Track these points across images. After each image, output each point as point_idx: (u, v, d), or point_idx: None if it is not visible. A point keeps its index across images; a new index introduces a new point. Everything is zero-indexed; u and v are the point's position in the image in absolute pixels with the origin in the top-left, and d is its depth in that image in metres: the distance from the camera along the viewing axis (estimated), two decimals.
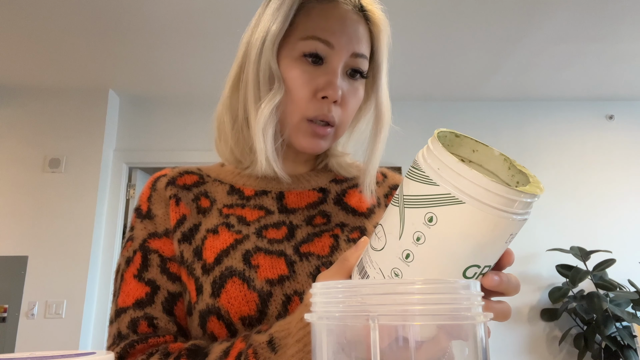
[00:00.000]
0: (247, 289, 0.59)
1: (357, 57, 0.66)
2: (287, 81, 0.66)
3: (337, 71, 0.65)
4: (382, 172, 0.83)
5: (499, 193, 0.34)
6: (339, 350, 0.28)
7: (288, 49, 0.66)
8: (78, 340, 2.75)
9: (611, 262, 2.88)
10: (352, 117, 0.70)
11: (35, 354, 0.44)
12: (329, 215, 0.70)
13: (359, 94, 0.69)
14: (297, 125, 0.66)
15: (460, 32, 2.58)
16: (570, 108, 3.48)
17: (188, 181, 0.72)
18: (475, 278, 0.37)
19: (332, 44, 0.65)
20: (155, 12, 2.36)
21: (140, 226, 0.68)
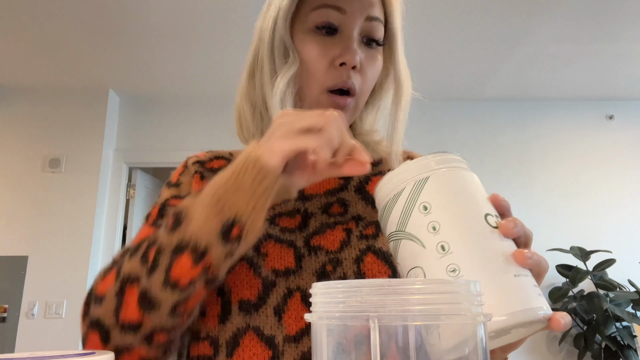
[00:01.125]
0: (252, 274, 0.59)
1: (372, 20, 0.64)
2: (302, 54, 0.64)
3: (353, 36, 0.63)
4: (410, 156, 0.78)
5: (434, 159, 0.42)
6: (339, 350, 0.28)
7: (300, 23, 0.65)
8: (78, 340, 2.75)
9: (611, 262, 2.89)
10: (371, 86, 0.67)
11: (35, 354, 0.44)
12: (347, 205, 0.67)
13: (377, 62, 0.66)
14: (316, 98, 0.64)
15: (460, 32, 2.58)
16: (570, 108, 3.48)
17: (215, 165, 0.73)
18: (496, 223, 0.40)
19: (344, 9, 0.63)
20: (155, 13, 2.36)
21: (167, 192, 0.70)
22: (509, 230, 0.40)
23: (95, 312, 0.53)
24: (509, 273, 0.37)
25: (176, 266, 0.48)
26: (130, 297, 0.50)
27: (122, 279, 0.52)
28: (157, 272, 0.48)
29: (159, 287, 0.48)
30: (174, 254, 0.48)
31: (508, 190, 3.31)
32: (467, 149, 3.37)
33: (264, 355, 0.56)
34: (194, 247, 0.47)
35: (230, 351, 0.57)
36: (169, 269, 0.48)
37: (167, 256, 0.48)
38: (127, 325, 0.50)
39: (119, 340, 0.51)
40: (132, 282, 0.50)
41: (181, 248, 0.48)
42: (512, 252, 0.39)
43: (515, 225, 0.40)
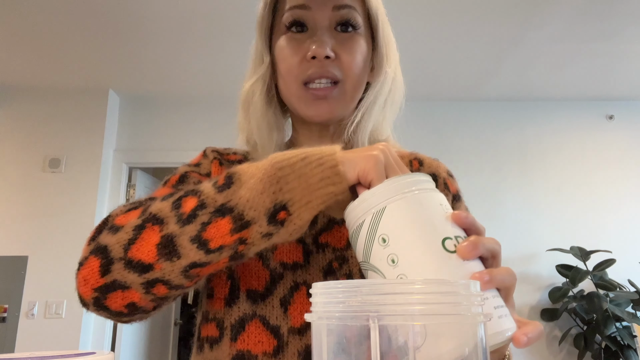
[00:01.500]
0: (261, 265, 0.61)
1: (340, 9, 0.64)
2: (278, 56, 0.66)
3: (320, 28, 0.64)
4: (418, 158, 0.76)
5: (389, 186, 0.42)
6: (339, 350, 0.28)
7: (277, 30, 0.68)
8: (78, 340, 2.75)
9: (611, 262, 2.89)
10: (357, 71, 0.65)
11: (35, 354, 0.44)
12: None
13: (357, 43, 0.65)
14: (296, 94, 0.65)
15: (460, 32, 2.58)
16: (570, 108, 3.48)
17: (232, 158, 0.74)
18: (455, 247, 0.40)
19: (308, 6, 0.64)
20: (155, 13, 2.36)
21: (186, 167, 0.69)
22: (466, 254, 0.39)
23: (104, 239, 0.50)
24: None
25: (213, 226, 0.46)
26: (150, 236, 0.47)
27: (147, 216, 0.49)
28: (191, 224, 0.46)
29: (187, 239, 0.46)
30: (215, 213, 0.46)
31: (508, 190, 3.31)
32: (467, 149, 3.37)
33: (269, 343, 0.57)
34: (239, 215, 0.46)
35: (235, 335, 0.58)
36: (204, 226, 0.46)
37: (207, 213, 0.46)
38: (135, 263, 0.47)
39: (119, 275, 0.48)
40: (156, 222, 0.48)
41: (225, 211, 0.46)
42: (469, 275, 0.38)
43: (474, 247, 0.39)
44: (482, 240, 0.40)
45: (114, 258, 0.48)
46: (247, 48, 0.73)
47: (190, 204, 0.48)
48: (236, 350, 0.57)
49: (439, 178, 0.73)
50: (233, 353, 0.57)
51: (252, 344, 0.57)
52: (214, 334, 0.60)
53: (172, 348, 3.79)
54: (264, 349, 0.57)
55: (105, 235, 0.51)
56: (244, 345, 0.57)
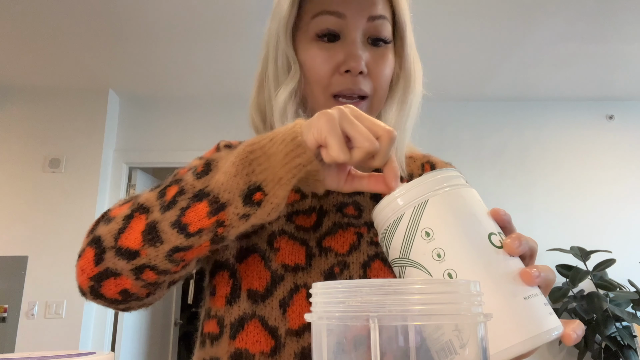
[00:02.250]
0: (263, 266, 0.61)
1: (375, 19, 0.62)
2: (305, 64, 0.64)
3: (355, 40, 0.62)
4: (431, 161, 0.76)
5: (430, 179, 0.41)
6: (339, 350, 0.28)
7: (302, 33, 0.64)
8: (78, 340, 2.75)
9: (611, 262, 2.89)
10: (385, 86, 0.65)
11: (35, 354, 0.44)
12: (362, 210, 0.67)
13: (387, 59, 0.64)
14: (324, 105, 0.62)
15: (460, 32, 2.58)
16: (570, 108, 3.48)
17: None
18: (501, 242, 0.39)
19: (343, 14, 0.61)
20: (155, 13, 2.36)
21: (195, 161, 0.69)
22: (514, 250, 0.39)
23: (99, 230, 0.53)
24: (518, 296, 0.37)
25: (191, 211, 0.48)
26: (137, 225, 0.50)
27: (135, 206, 0.52)
28: (171, 210, 0.49)
29: (168, 224, 0.48)
30: (193, 198, 0.48)
31: (508, 191, 3.31)
32: (467, 149, 3.37)
33: (266, 343, 0.58)
34: (215, 198, 0.47)
35: (234, 333, 0.59)
36: (183, 211, 0.48)
37: (186, 199, 0.49)
38: (123, 250, 0.50)
39: (111, 263, 0.51)
40: (143, 211, 0.51)
41: (202, 195, 0.48)
42: (519, 272, 0.38)
43: (520, 243, 0.39)
44: (526, 237, 0.40)
45: (106, 247, 0.51)
46: (247, 48, 0.73)
47: (172, 191, 0.50)
48: (234, 348, 0.58)
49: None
50: (231, 351, 0.58)
51: (250, 343, 0.58)
52: (215, 331, 0.61)
53: (172, 348, 3.79)
54: (262, 348, 0.58)
55: (100, 227, 0.54)
56: (242, 344, 0.58)
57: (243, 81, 3.11)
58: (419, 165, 0.75)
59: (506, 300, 0.36)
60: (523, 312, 0.36)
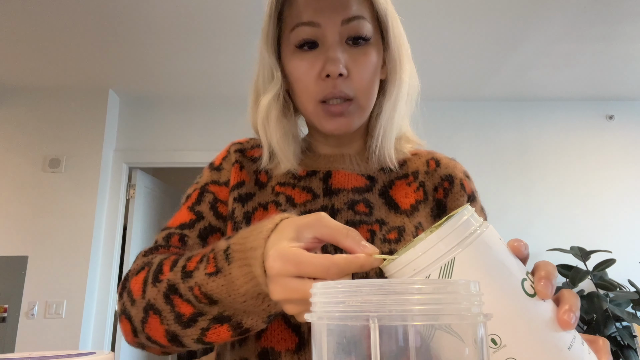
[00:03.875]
0: None
1: (350, 21, 0.64)
2: (291, 75, 0.67)
3: (332, 46, 0.63)
4: (435, 158, 0.77)
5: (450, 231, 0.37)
6: (339, 350, 0.28)
7: (285, 45, 0.67)
8: (78, 340, 2.75)
9: (611, 262, 2.89)
10: (370, 84, 0.66)
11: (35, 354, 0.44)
12: (372, 207, 0.68)
13: (369, 57, 0.65)
14: (314, 112, 0.66)
15: (460, 32, 2.58)
16: (570, 108, 3.48)
17: (256, 154, 0.75)
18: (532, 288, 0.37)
19: (317, 22, 0.63)
20: (155, 13, 2.36)
21: (207, 174, 0.74)
22: (548, 296, 0.37)
23: (127, 307, 0.57)
24: (563, 350, 0.36)
25: (213, 332, 0.51)
26: (156, 324, 0.53)
27: (146, 302, 0.54)
28: (192, 328, 0.51)
29: (191, 340, 0.52)
30: (213, 320, 0.50)
31: (508, 191, 3.31)
32: (467, 148, 3.37)
33: (291, 340, 0.60)
34: (237, 324, 0.50)
35: (259, 333, 0.61)
36: (204, 331, 0.51)
37: (206, 319, 0.50)
38: (153, 340, 0.54)
39: (145, 341, 0.56)
40: (155, 312, 0.53)
41: (222, 319, 0.50)
42: (554, 318, 0.37)
43: (552, 286, 0.38)
44: (552, 272, 0.39)
45: (137, 329, 0.56)
46: (247, 48, 0.75)
47: (185, 308, 0.51)
48: (261, 348, 0.61)
49: (455, 179, 0.74)
50: (258, 350, 0.61)
51: (275, 341, 0.60)
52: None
53: None
54: (287, 346, 0.59)
55: (127, 304, 0.57)
56: (268, 343, 0.60)
57: (243, 81, 3.11)
58: (423, 161, 0.75)
59: (556, 357, 0.35)
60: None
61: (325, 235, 0.43)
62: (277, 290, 0.42)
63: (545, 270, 0.38)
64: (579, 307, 0.38)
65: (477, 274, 0.36)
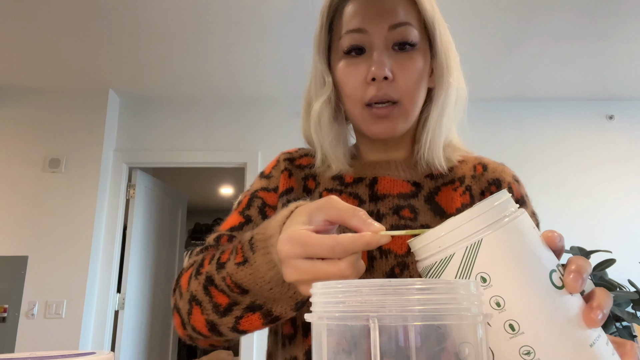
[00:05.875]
0: None
1: (397, 27, 0.66)
2: (339, 81, 0.69)
3: (378, 50, 0.65)
4: (483, 162, 0.78)
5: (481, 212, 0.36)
6: (339, 350, 0.28)
7: (335, 52, 0.70)
8: (78, 340, 2.75)
9: (611, 262, 2.89)
10: (415, 89, 0.67)
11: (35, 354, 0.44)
12: (417, 213, 0.69)
13: (414, 62, 0.67)
14: (360, 115, 0.68)
15: (460, 32, 2.57)
16: (570, 108, 3.48)
17: (304, 162, 0.78)
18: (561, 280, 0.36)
19: (364, 29, 0.66)
20: (155, 13, 2.36)
21: (258, 182, 0.77)
22: (577, 289, 0.36)
23: (177, 301, 0.61)
24: (585, 346, 0.35)
25: (246, 321, 0.54)
26: (198, 314, 0.57)
27: (190, 294, 0.58)
28: (227, 317, 0.55)
29: (227, 328, 0.55)
30: (246, 309, 0.54)
31: None
32: (466, 149, 3.37)
33: None
34: (268, 312, 0.53)
35: (306, 332, 0.64)
36: (238, 320, 0.54)
37: (240, 309, 0.54)
38: (197, 331, 0.58)
39: (193, 333, 0.59)
40: (197, 304, 0.57)
41: (254, 307, 0.53)
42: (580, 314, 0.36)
43: (583, 280, 0.37)
44: (584, 267, 0.37)
45: (185, 321, 0.60)
46: (247, 48, 0.75)
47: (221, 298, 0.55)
48: (308, 346, 0.63)
49: (503, 183, 0.75)
50: (306, 348, 0.63)
51: None
52: (290, 332, 0.66)
53: (172, 348, 3.79)
54: None
55: (177, 296, 0.62)
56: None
57: (243, 81, 3.11)
58: (470, 166, 0.76)
59: (576, 353, 0.34)
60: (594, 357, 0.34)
61: (334, 217, 0.44)
62: (288, 272, 0.44)
63: (576, 264, 0.37)
64: (609, 306, 0.37)
65: (503, 258, 0.35)
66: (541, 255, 0.37)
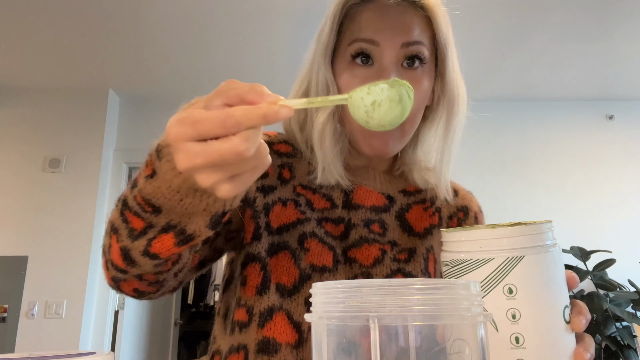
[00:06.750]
0: (293, 264, 0.65)
1: (410, 45, 0.64)
2: (341, 88, 0.66)
3: (387, 66, 0.63)
4: (454, 188, 0.79)
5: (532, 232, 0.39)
6: (339, 350, 0.28)
7: (340, 58, 0.67)
8: (78, 340, 2.75)
9: (611, 262, 2.88)
10: (418, 109, 0.67)
11: (35, 354, 0.44)
12: (386, 228, 0.71)
13: (421, 84, 0.65)
14: (358, 128, 0.66)
15: (460, 32, 2.57)
16: (570, 108, 3.48)
17: (282, 149, 0.74)
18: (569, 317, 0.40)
19: (377, 41, 0.63)
20: (155, 13, 2.36)
21: None
22: (580, 329, 0.40)
23: (103, 240, 0.55)
24: None
25: (158, 241, 0.47)
26: (114, 246, 0.50)
27: (109, 227, 0.51)
28: (140, 239, 0.47)
29: (138, 253, 0.48)
30: (161, 231, 0.47)
31: (508, 190, 3.31)
32: (467, 149, 3.37)
33: (291, 336, 0.61)
34: (181, 230, 0.46)
35: (262, 322, 0.62)
36: (151, 241, 0.47)
37: (154, 232, 0.47)
38: (115, 265, 0.52)
39: (114, 272, 0.54)
40: (114, 233, 0.50)
41: (167, 229, 0.46)
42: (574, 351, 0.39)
43: (586, 321, 0.40)
44: (588, 313, 0.41)
45: (107, 259, 0.54)
46: (247, 48, 0.74)
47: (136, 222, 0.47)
48: (262, 336, 0.62)
49: (470, 211, 0.78)
50: (259, 338, 0.62)
51: (278, 333, 0.61)
52: (244, 319, 0.64)
53: (172, 348, 3.79)
54: (287, 340, 0.61)
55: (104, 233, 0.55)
56: (270, 333, 0.62)
57: (242, 81, 3.11)
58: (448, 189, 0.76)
59: None
60: None
61: (232, 98, 0.38)
62: (180, 159, 0.37)
63: (584, 309, 0.41)
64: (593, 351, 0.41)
65: (534, 279, 0.38)
66: (562, 290, 0.40)
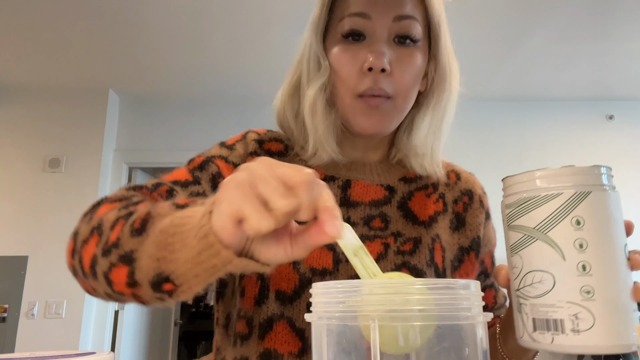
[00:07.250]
0: (292, 269, 0.62)
1: (402, 19, 0.62)
2: (332, 65, 0.65)
3: (379, 39, 0.62)
4: (456, 171, 0.78)
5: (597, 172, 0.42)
6: (339, 350, 0.28)
7: (331, 35, 0.66)
8: (78, 340, 2.75)
9: None
10: (411, 86, 0.65)
11: (35, 354, 0.44)
12: (388, 221, 0.68)
13: (414, 59, 0.64)
14: (350, 105, 0.64)
15: (460, 32, 2.57)
16: (570, 108, 3.48)
17: (273, 148, 0.73)
18: (628, 254, 0.42)
19: (368, 14, 0.62)
20: (155, 13, 2.36)
21: (217, 149, 0.70)
22: (638, 267, 0.42)
23: (81, 224, 0.51)
24: (631, 308, 0.41)
25: (114, 272, 0.44)
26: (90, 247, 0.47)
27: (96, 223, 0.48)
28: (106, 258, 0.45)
29: (101, 271, 0.45)
30: (120, 260, 0.43)
31: None
32: (467, 149, 3.37)
33: (294, 344, 0.59)
34: (131, 272, 0.42)
35: (263, 334, 0.60)
36: (111, 267, 0.44)
37: (115, 255, 0.44)
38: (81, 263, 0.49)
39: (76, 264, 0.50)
40: (99, 235, 0.47)
41: (127, 259, 0.43)
42: (632, 286, 0.41)
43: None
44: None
45: (76, 249, 0.49)
46: (246, 48, 0.74)
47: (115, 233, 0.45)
48: (263, 348, 0.60)
49: (475, 194, 0.76)
50: (260, 350, 0.60)
51: (279, 343, 0.59)
52: (244, 331, 0.62)
53: (172, 348, 3.79)
54: (290, 349, 0.59)
55: (83, 221, 0.51)
56: (271, 344, 0.60)
57: (243, 81, 3.11)
58: (445, 173, 0.75)
59: (623, 308, 0.40)
60: (629, 323, 0.40)
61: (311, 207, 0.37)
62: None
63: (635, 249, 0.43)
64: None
65: (601, 213, 0.40)
66: (623, 230, 0.42)
